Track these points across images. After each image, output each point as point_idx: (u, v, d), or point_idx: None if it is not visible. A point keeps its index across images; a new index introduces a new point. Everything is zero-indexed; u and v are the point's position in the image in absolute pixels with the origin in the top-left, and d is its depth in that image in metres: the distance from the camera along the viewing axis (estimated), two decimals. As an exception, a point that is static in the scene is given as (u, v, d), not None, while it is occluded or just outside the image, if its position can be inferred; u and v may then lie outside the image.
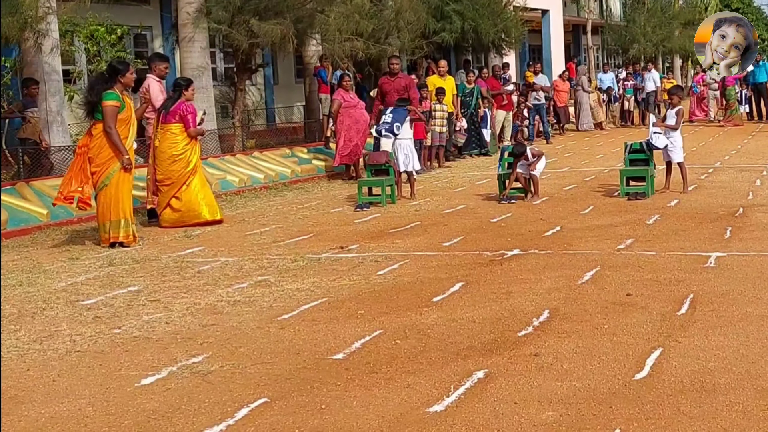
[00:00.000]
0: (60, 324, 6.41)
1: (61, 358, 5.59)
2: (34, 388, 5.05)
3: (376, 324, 6.10)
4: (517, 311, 6.29)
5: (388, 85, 15.08)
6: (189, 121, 10.81)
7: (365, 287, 7.24)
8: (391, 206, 12.02)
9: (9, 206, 10.90)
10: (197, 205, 10.78)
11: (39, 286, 7.67)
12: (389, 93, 14.85)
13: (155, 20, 20.78)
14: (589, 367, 5.02)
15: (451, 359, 5.27)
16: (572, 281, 7.15)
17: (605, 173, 14.90)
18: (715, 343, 5.37)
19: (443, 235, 9.55)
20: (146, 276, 7.97)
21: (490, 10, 24.07)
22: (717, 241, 8.58)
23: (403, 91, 14.77)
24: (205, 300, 6.96)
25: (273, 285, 7.39)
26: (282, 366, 5.27)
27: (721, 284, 6.86)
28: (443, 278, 7.44)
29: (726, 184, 12.81)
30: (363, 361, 5.31)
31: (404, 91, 14.78)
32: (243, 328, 6.14)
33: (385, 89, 15.07)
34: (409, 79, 15.30)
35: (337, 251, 8.86)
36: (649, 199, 11.48)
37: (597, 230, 9.48)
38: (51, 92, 13.19)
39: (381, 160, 12.62)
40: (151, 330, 6.15)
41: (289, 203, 12.66)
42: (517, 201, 11.78)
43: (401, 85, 14.97)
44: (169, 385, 4.99)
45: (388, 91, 14.95)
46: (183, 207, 10.76)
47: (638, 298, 6.52)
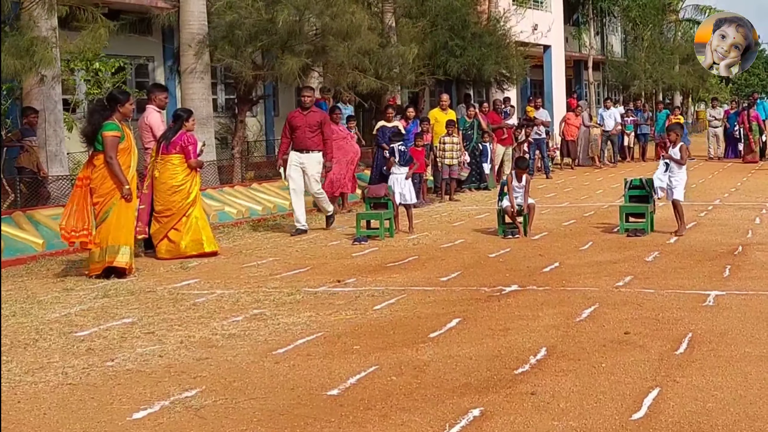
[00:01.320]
0: (52, 355, 6.35)
1: (53, 391, 5.52)
2: (25, 421, 4.99)
3: (371, 359, 6.04)
4: (514, 348, 6.24)
5: (299, 120, 12.94)
6: (190, 152, 10.82)
7: (362, 322, 7.18)
8: (389, 240, 11.98)
9: (5, 236, 10.83)
10: (197, 237, 10.75)
11: (32, 317, 7.61)
12: (300, 128, 12.84)
13: (157, 51, 20.86)
14: (586, 407, 4.96)
15: (447, 396, 5.22)
16: (570, 318, 7.10)
17: (605, 209, 14.88)
18: (713, 384, 5.31)
19: (441, 270, 9.50)
20: (141, 308, 7.92)
21: (494, 46, 24.18)
22: (716, 280, 8.54)
23: (316, 127, 12.87)
24: (200, 333, 6.90)
25: (268, 318, 7.34)
26: (276, 401, 5.22)
27: (719, 323, 6.81)
28: (440, 314, 7.39)
29: (725, 222, 12.79)
30: (358, 397, 5.25)
31: (317, 127, 12.89)
32: (237, 362, 6.08)
33: (296, 123, 12.93)
34: (323, 116, 13.43)
35: (334, 285, 8.81)
36: (649, 236, 11.45)
37: (596, 267, 9.45)
38: (50, 121, 13.21)
39: (380, 193, 12.61)
40: (145, 363, 6.09)
41: (287, 236, 12.62)
42: (517, 237, 11.74)
43: (315, 121, 12.94)
44: (161, 420, 4.93)
45: (299, 125, 12.87)
46: (181, 239, 10.73)
47: (636, 336, 6.47)
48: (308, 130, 12.82)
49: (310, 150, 12.80)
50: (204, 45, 15.48)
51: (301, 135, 12.83)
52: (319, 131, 12.90)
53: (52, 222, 11.55)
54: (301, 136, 12.83)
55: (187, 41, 15.53)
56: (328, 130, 13.09)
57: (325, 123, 13.13)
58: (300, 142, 12.86)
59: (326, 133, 12.99)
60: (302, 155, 12.77)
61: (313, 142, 12.84)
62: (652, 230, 11.71)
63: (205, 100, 15.74)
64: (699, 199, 15.88)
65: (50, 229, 11.44)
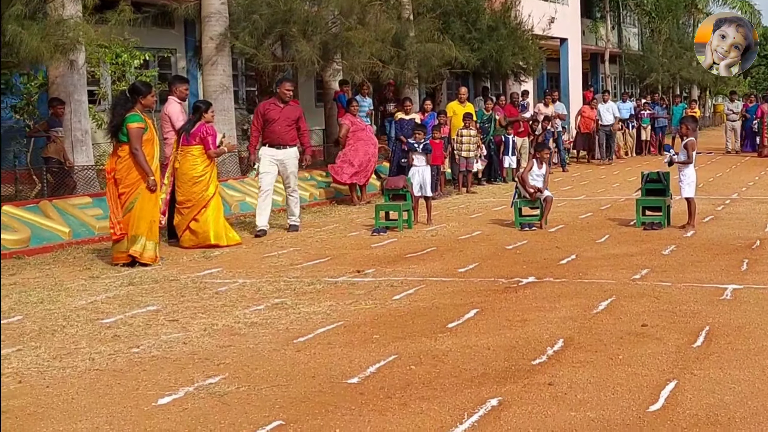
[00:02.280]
0: (80, 342, 6.48)
1: (80, 376, 5.65)
2: (53, 405, 5.11)
3: (391, 349, 6.14)
4: (531, 339, 6.32)
5: (275, 113, 12.17)
6: (209, 143, 10.96)
7: (381, 312, 7.28)
8: (408, 231, 12.07)
9: (32, 224, 11.01)
10: (207, 230, 10.89)
11: (60, 304, 7.75)
12: (276, 122, 12.11)
13: (179, 43, 20.97)
14: (603, 398, 5.04)
15: (465, 386, 5.30)
16: (587, 310, 7.17)
17: (621, 202, 14.91)
18: (730, 377, 5.37)
19: (459, 261, 9.59)
20: (165, 296, 8.04)
21: (512, 38, 24.17)
22: (733, 273, 8.58)
23: (293, 121, 12.26)
24: (223, 321, 7.02)
25: (290, 307, 7.44)
26: (297, 389, 5.32)
27: (737, 317, 6.86)
28: (458, 304, 7.48)
29: (743, 216, 12.80)
30: (378, 385, 5.35)
31: (294, 123, 12.28)
32: (259, 350, 6.19)
33: (272, 117, 12.16)
34: (301, 110, 12.60)
35: (353, 275, 8.91)
36: (665, 230, 11.48)
37: (612, 259, 9.50)
38: (76, 112, 13.33)
39: (399, 184, 12.69)
40: (169, 350, 6.21)
41: (307, 226, 12.72)
42: (534, 229, 11.80)
43: (294, 116, 12.29)
44: (185, 406, 5.05)
45: (275, 119, 12.13)
46: (200, 229, 10.88)
47: (653, 329, 6.53)
48: (286, 125, 12.19)
49: (287, 145, 12.22)
50: (225, 37, 15.57)
51: (278, 129, 12.13)
52: (295, 126, 12.32)
53: (78, 211, 11.70)
54: (278, 131, 12.14)
55: (208, 33, 15.62)
56: (304, 125, 12.49)
57: (302, 119, 12.49)
58: (277, 137, 12.16)
59: (303, 128, 12.42)
60: (279, 151, 12.14)
61: (290, 136, 12.28)
62: (669, 224, 11.74)
63: (226, 92, 15.82)
64: (717, 193, 15.88)
65: (76, 218, 11.58)
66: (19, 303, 7.82)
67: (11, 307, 7.64)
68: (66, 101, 13.12)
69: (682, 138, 11.79)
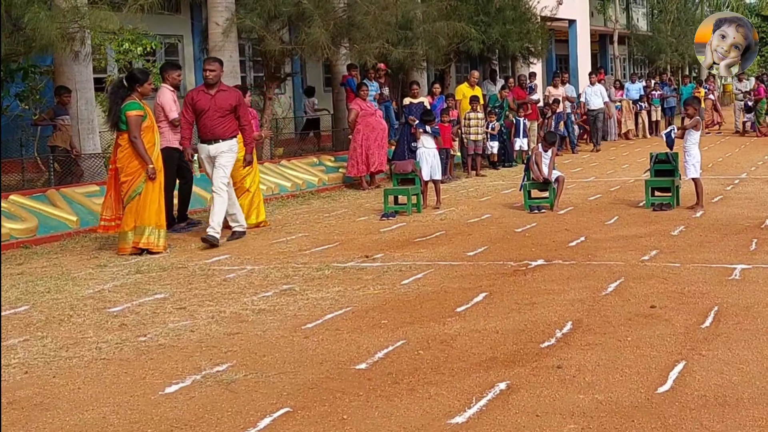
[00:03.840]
0: (86, 331, 6.48)
1: (87, 366, 5.65)
2: (60, 395, 5.12)
3: (399, 334, 6.12)
4: (540, 322, 6.29)
5: (204, 101, 10.12)
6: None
7: (389, 297, 7.26)
8: (417, 215, 12.04)
9: (39, 213, 11.03)
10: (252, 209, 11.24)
11: (67, 293, 7.76)
12: (206, 112, 10.11)
13: (186, 29, 20.94)
14: (612, 380, 5.01)
15: (474, 370, 5.28)
16: (596, 292, 7.14)
17: (630, 183, 14.85)
18: (739, 357, 5.34)
19: (468, 245, 9.56)
20: (173, 283, 8.04)
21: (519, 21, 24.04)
22: (742, 254, 8.53)
23: (227, 112, 10.15)
24: (231, 308, 7.01)
25: (298, 294, 7.43)
26: (305, 375, 5.31)
27: (745, 297, 6.82)
28: (467, 288, 7.45)
29: (752, 196, 12.73)
30: (386, 371, 5.33)
31: (229, 112, 10.17)
32: (267, 336, 6.18)
33: (201, 106, 10.12)
34: (237, 96, 10.33)
35: (362, 260, 8.89)
36: (674, 210, 11.42)
37: (621, 241, 9.46)
38: (82, 100, 13.33)
39: (407, 168, 12.66)
40: (176, 338, 6.21)
41: (316, 212, 12.71)
42: (543, 212, 11.77)
43: (226, 104, 10.15)
44: (192, 394, 5.04)
45: (205, 109, 10.11)
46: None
47: (662, 310, 6.50)
48: (217, 115, 10.13)
49: (220, 139, 10.13)
50: (232, 22, 15.51)
51: (208, 121, 10.14)
52: (232, 116, 10.22)
53: (86, 199, 11.72)
54: (208, 123, 10.14)
55: (215, 18, 15.56)
56: (245, 115, 10.39)
57: (242, 105, 10.34)
58: (207, 130, 10.17)
59: (244, 119, 10.33)
60: (211, 147, 10.15)
61: (224, 129, 10.17)
62: (678, 204, 11.69)
63: (234, 77, 15.78)
64: (726, 173, 15.80)
65: (84, 206, 11.60)
66: (26, 293, 7.84)
67: (18, 297, 7.67)
68: (72, 89, 13.10)
69: (690, 118, 11.75)
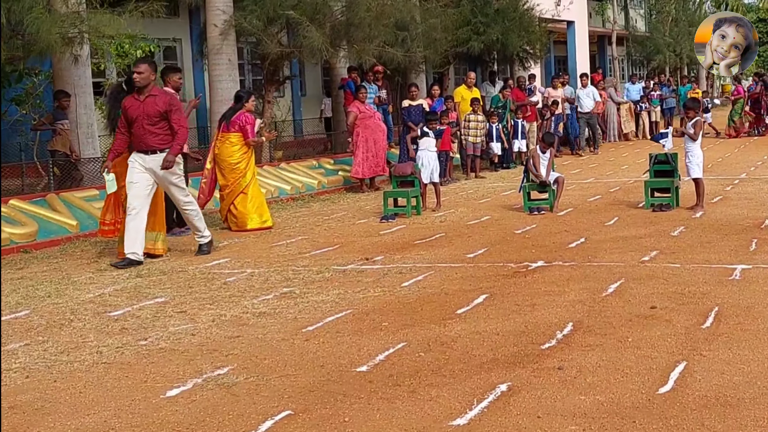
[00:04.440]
0: (87, 335, 6.48)
1: (88, 370, 5.65)
2: (61, 399, 5.11)
3: (400, 336, 6.12)
4: (540, 324, 6.29)
5: (134, 109, 9.35)
6: (248, 132, 11.36)
7: (390, 299, 7.26)
8: (416, 217, 12.05)
9: (39, 218, 11.04)
10: (251, 213, 11.38)
11: (67, 297, 7.76)
12: (137, 120, 9.34)
13: (185, 32, 20.93)
14: (613, 381, 5.01)
15: (475, 372, 5.28)
16: (596, 293, 7.14)
17: (630, 184, 14.85)
18: (739, 357, 5.34)
19: (468, 247, 9.56)
20: (173, 287, 8.04)
21: (518, 22, 24.04)
22: (742, 254, 8.52)
23: (157, 120, 9.33)
24: (231, 311, 7.01)
25: (298, 297, 7.43)
26: (306, 378, 5.31)
27: (746, 297, 6.82)
28: (467, 290, 7.45)
29: (752, 196, 12.72)
30: (387, 373, 5.33)
31: (161, 118, 9.34)
32: (268, 339, 6.18)
33: (131, 114, 9.37)
34: (166, 101, 9.40)
35: (362, 263, 8.89)
36: (674, 211, 11.42)
37: (621, 242, 9.46)
38: (82, 104, 13.33)
39: (407, 171, 12.66)
40: (177, 341, 6.21)
41: (315, 214, 12.71)
42: (543, 213, 11.77)
43: (155, 110, 9.31)
44: (194, 397, 5.04)
45: (134, 117, 9.36)
46: (239, 214, 11.36)
47: (663, 311, 6.50)
48: (147, 123, 9.34)
49: (155, 150, 9.37)
50: (230, 24, 15.51)
51: (138, 130, 9.36)
52: (163, 124, 9.41)
53: (86, 204, 11.73)
54: (139, 132, 9.36)
55: (213, 20, 15.54)
56: (178, 119, 9.45)
57: (173, 111, 9.43)
58: (139, 140, 9.39)
59: (175, 125, 9.40)
60: (148, 158, 9.37)
61: (157, 139, 9.39)
62: (678, 205, 11.68)
63: (232, 80, 15.77)
64: (725, 173, 15.80)
65: (84, 210, 11.61)
66: (27, 297, 7.84)
67: (18, 302, 7.67)
68: (71, 93, 13.10)
69: (690, 120, 11.72)
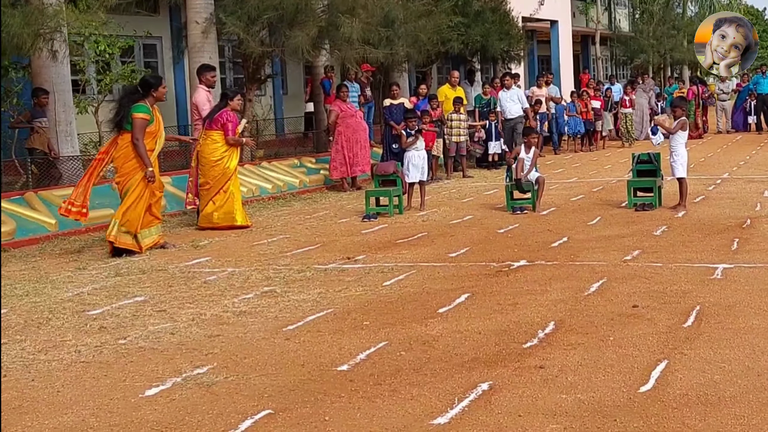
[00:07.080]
0: (65, 334, 6.42)
1: (66, 369, 5.59)
2: (39, 398, 5.06)
3: (381, 335, 6.09)
4: (522, 323, 6.28)
5: None
6: (228, 129, 11.31)
7: (371, 298, 7.23)
8: (398, 216, 12.02)
9: (17, 216, 10.94)
10: (229, 210, 11.30)
11: (45, 296, 7.69)
12: None
13: (165, 30, 20.81)
14: (594, 380, 5.00)
15: (456, 371, 5.26)
16: (578, 293, 7.13)
17: (613, 184, 14.87)
18: (721, 356, 5.34)
19: (450, 246, 9.54)
20: (153, 286, 7.99)
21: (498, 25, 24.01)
22: (724, 253, 8.55)
23: None
24: (211, 310, 6.96)
25: (279, 296, 7.39)
26: (286, 377, 5.27)
27: (727, 296, 6.83)
28: (449, 289, 7.43)
29: (733, 195, 12.77)
30: (367, 372, 5.30)
31: None
32: (248, 338, 6.14)
33: None
34: None
35: (343, 262, 8.86)
36: (657, 210, 11.45)
37: (604, 241, 9.47)
38: (60, 102, 13.23)
39: (389, 170, 12.64)
40: (157, 341, 6.16)
41: (297, 213, 12.67)
42: (525, 212, 11.77)
43: None
44: (173, 396, 4.99)
45: None
46: (218, 211, 11.28)
47: (644, 309, 6.50)
48: None
49: None
50: (211, 22, 15.42)
51: None
52: None
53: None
54: None
55: (194, 17, 15.43)
56: None
57: None
58: None
59: None
60: None
61: None
62: (660, 204, 11.71)
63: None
64: (707, 173, 15.86)
65: (62, 209, 11.51)
66: (5, 296, 7.76)
67: (-4, 301, 7.59)
68: (49, 91, 13.00)
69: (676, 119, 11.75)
